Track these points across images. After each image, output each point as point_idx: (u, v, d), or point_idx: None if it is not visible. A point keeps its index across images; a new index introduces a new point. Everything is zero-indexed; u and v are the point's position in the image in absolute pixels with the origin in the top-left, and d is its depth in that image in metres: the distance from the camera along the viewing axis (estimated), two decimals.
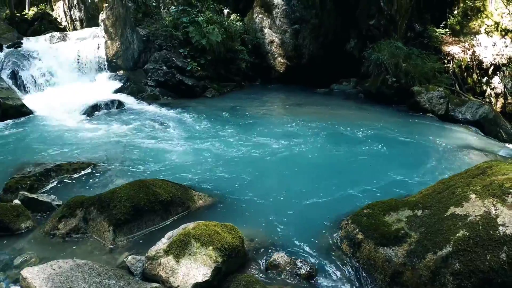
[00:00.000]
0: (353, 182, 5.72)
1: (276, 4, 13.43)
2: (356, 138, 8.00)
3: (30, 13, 20.90)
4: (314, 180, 5.90)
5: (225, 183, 5.58)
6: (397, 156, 7.13)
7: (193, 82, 11.83)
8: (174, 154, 6.82)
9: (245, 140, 7.57)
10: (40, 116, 9.76)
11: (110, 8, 14.21)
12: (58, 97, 11.19)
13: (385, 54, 11.89)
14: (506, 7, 12.34)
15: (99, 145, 7.29)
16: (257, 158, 6.67)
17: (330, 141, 7.68)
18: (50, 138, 7.84)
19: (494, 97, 12.28)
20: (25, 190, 5.07)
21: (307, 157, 6.81)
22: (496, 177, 3.82)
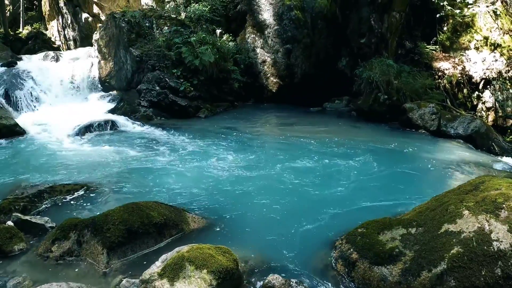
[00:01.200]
0: (347, 201, 5.73)
1: (268, 24, 13.56)
2: (349, 156, 8.01)
3: (24, 32, 21.02)
4: (307, 200, 5.89)
5: (219, 205, 5.56)
6: (390, 174, 7.14)
7: (186, 102, 11.86)
8: (167, 175, 6.80)
9: (239, 161, 7.56)
10: (33, 136, 9.78)
11: (103, 28, 14.32)
12: (51, 117, 11.21)
13: (377, 72, 12.00)
14: (495, 22, 12.53)
15: (92, 166, 7.26)
16: (251, 179, 6.66)
17: (323, 161, 7.68)
18: (43, 159, 7.82)
19: (485, 111, 12.37)
20: (18, 211, 5.05)
21: (301, 177, 6.79)
22: (489, 193, 3.84)
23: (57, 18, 22.10)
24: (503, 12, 12.53)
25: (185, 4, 14.88)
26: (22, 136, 9.66)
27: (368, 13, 13.61)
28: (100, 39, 14.32)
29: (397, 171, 7.32)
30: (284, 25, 13.28)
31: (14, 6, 24.48)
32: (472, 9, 12.70)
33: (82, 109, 12.12)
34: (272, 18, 13.45)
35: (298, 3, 13.14)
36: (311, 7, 13.19)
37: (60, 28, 21.91)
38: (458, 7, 12.94)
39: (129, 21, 13.32)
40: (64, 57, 15.15)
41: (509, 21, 12.40)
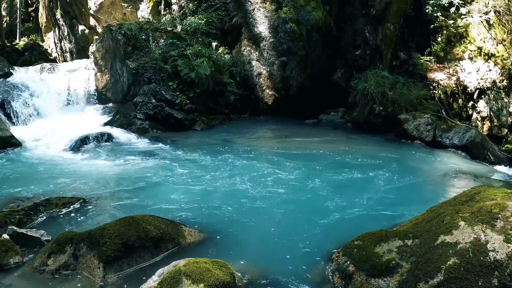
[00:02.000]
0: (343, 213, 5.73)
1: (264, 36, 13.64)
2: (345, 168, 8.02)
3: (20, 43, 21.07)
4: (304, 212, 5.89)
5: (215, 218, 5.55)
6: (385, 185, 7.15)
7: (182, 115, 11.87)
8: (163, 189, 6.78)
9: (235, 173, 7.55)
10: (29, 148, 9.75)
11: (100, 40, 14.37)
12: (47, 129, 11.18)
13: (372, 84, 12.08)
14: (488, 32, 12.64)
15: (88, 179, 7.24)
16: (247, 191, 6.65)
17: (319, 173, 7.69)
18: (39, 171, 7.80)
19: (480, 120, 12.44)
20: (14, 224, 5.01)
21: (297, 189, 6.80)
22: (485, 203, 3.85)
23: (53, 30, 22.18)
24: (496, 22, 12.65)
25: (181, 17, 14.97)
26: (18, 148, 9.62)
27: (362, 25, 13.73)
28: (96, 52, 14.36)
29: (392, 182, 7.33)
30: (280, 37, 13.37)
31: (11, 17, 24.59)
32: (466, 19, 12.82)
33: (78, 121, 12.09)
34: (267, 30, 13.54)
35: (293, 16, 13.24)
36: (306, 20, 13.29)
37: (57, 40, 21.99)
38: (451, 18, 13.06)
39: (126, 34, 13.37)
40: (61, 69, 15.16)
41: (502, 31, 12.52)
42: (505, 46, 12.40)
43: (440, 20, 12.95)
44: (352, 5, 13.97)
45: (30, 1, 25.15)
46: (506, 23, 12.42)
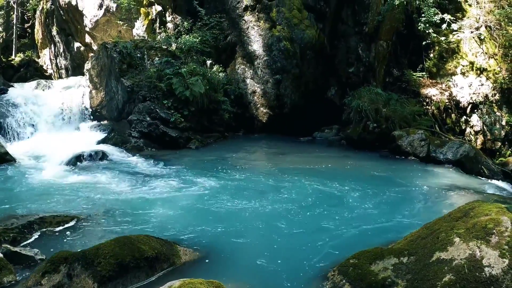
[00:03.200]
0: (338, 231, 5.72)
1: (258, 55, 13.74)
2: (339, 186, 8.02)
3: (16, 59, 21.18)
4: (299, 230, 5.88)
5: (210, 237, 5.52)
6: (381, 202, 7.15)
7: (177, 133, 11.87)
8: (158, 207, 6.75)
9: (229, 192, 7.52)
10: (23, 165, 9.68)
11: (95, 58, 14.43)
12: (41, 146, 11.16)
13: (365, 101, 12.16)
14: (480, 47, 12.79)
15: (83, 198, 7.20)
16: (242, 210, 6.64)
17: (313, 191, 7.69)
18: (33, 188, 7.75)
19: (473, 135, 12.52)
20: (8, 242, 4.96)
21: (292, 207, 6.79)
22: (479, 219, 3.87)
23: (49, 46, 22.33)
24: (487, 37, 12.82)
25: (176, 35, 15.07)
26: (12, 164, 9.57)
27: (355, 43, 13.90)
28: (91, 69, 14.41)
29: (387, 199, 7.35)
30: (274, 56, 13.47)
31: (7, 33, 24.73)
32: (457, 35, 12.97)
33: (73, 138, 12.08)
34: (261, 49, 13.64)
35: (287, 34, 13.37)
36: (300, 38, 13.42)
37: (52, 57, 22.12)
38: (443, 34, 13.22)
39: (121, 52, 13.43)
40: (56, 86, 15.20)
41: (494, 45, 12.68)
42: (497, 60, 12.54)
43: (432, 37, 13.11)
44: (345, 23, 14.17)
45: (27, 17, 25.36)
46: (497, 38, 12.59)
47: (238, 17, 14.22)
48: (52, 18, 21.74)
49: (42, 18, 22.41)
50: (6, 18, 25.32)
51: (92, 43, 19.74)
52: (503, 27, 12.48)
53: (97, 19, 18.42)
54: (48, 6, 21.92)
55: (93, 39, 19.60)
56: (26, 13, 25.23)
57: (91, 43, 19.86)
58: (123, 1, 16.28)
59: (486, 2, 12.90)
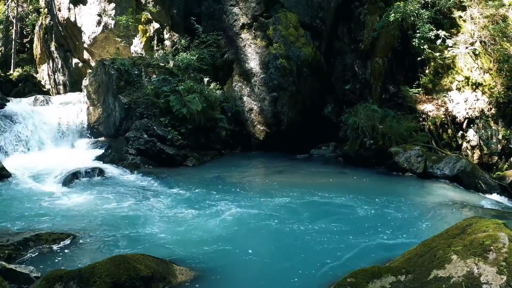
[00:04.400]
0: (335, 250, 5.69)
1: (255, 72, 13.82)
2: (336, 203, 8.01)
3: (15, 74, 21.24)
4: (296, 248, 5.85)
5: (206, 255, 5.49)
6: (378, 220, 7.13)
7: (174, 151, 11.86)
8: (154, 225, 6.72)
9: (226, 210, 7.49)
10: (20, 180, 9.66)
11: (93, 74, 14.50)
12: (38, 161, 11.15)
13: (362, 118, 12.20)
14: (475, 62, 12.88)
15: (79, 215, 7.18)
16: (239, 229, 6.60)
17: (310, 209, 7.67)
18: (29, 204, 7.73)
19: (470, 149, 12.52)
20: (3, 260, 4.93)
21: (288, 226, 6.76)
22: (477, 235, 3.86)
23: (48, 62, 22.41)
24: (482, 52, 12.90)
25: (174, 53, 15.17)
26: (8, 180, 9.54)
27: (351, 60, 14.00)
28: (89, 85, 14.46)
29: (385, 216, 7.32)
30: (270, 73, 13.55)
31: (6, 47, 24.84)
32: (452, 51, 13.06)
33: (70, 154, 12.08)
34: (258, 66, 13.73)
35: (283, 52, 13.47)
36: (296, 56, 13.52)
37: (51, 72, 22.20)
38: (438, 50, 13.31)
39: (119, 69, 13.50)
40: (54, 102, 15.23)
41: (489, 60, 12.75)
42: (492, 75, 12.62)
43: (427, 53, 13.19)
44: (341, 40, 14.29)
45: (26, 32, 25.52)
46: (492, 53, 12.67)
47: (235, 35, 14.34)
48: (51, 33, 21.88)
49: (41, 33, 22.55)
50: (5, 32, 25.48)
51: (90, 60, 19.84)
52: (498, 42, 12.59)
53: (95, 35, 18.55)
54: (47, 21, 22.07)
55: (91, 56, 19.70)
56: (25, 28, 25.41)
57: (89, 60, 19.96)
58: (122, 18, 16.41)
59: (481, 17, 13.02)
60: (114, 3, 17.53)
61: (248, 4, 14.12)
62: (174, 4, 15.70)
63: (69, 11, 19.31)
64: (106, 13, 17.58)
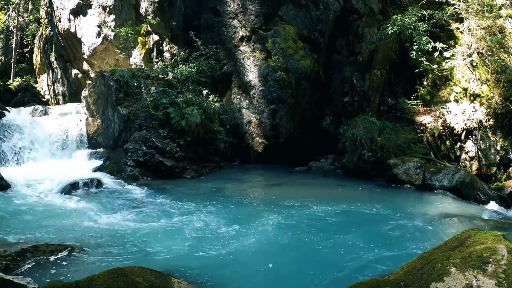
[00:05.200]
0: (333, 263, 5.67)
1: (253, 85, 13.85)
2: (335, 216, 7.98)
3: (14, 84, 21.30)
4: (293, 263, 5.83)
5: (204, 269, 5.46)
6: (377, 232, 7.12)
7: (173, 163, 11.84)
8: (153, 238, 6.70)
9: (225, 223, 7.46)
10: (18, 190, 9.64)
11: (92, 85, 14.53)
12: (37, 172, 11.13)
13: (360, 130, 12.23)
14: (472, 73, 12.95)
15: (77, 226, 7.16)
16: (238, 242, 6.57)
17: (309, 222, 7.63)
18: (27, 215, 7.71)
19: (469, 160, 12.55)
20: (0, 270, 4.89)
21: (288, 239, 6.74)
22: (475, 248, 3.85)
23: (47, 72, 22.48)
24: (479, 63, 12.98)
25: (173, 65, 15.22)
26: (6, 190, 9.52)
27: (350, 73, 14.07)
28: (88, 96, 14.48)
29: (384, 228, 7.31)
30: (269, 86, 13.58)
31: (6, 57, 24.94)
32: (450, 62, 13.15)
33: (69, 165, 12.05)
34: (257, 79, 13.78)
35: (282, 64, 13.52)
36: (295, 68, 13.58)
37: (50, 82, 22.25)
38: (436, 62, 13.39)
39: (118, 80, 13.53)
40: (53, 112, 15.24)
41: (486, 71, 12.83)
42: (490, 86, 12.69)
43: (425, 65, 13.28)
44: (340, 53, 14.37)
45: (26, 42, 25.65)
46: (489, 64, 12.74)
47: (234, 48, 14.41)
48: (51, 44, 21.97)
49: (41, 43, 22.66)
50: (5, 42, 25.61)
51: (90, 71, 19.91)
52: (495, 53, 12.67)
53: (95, 46, 18.63)
54: (47, 32, 22.19)
55: (90, 67, 19.77)
56: (25, 38, 25.55)
57: (89, 71, 20.02)
58: (121, 30, 16.50)
59: (478, 29, 13.12)
60: (114, 14, 17.64)
61: (247, 17, 14.21)
62: (173, 16, 15.80)
63: (69, 22, 19.41)
64: (106, 24, 17.68)
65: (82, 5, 18.68)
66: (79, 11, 18.92)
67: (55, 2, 19.96)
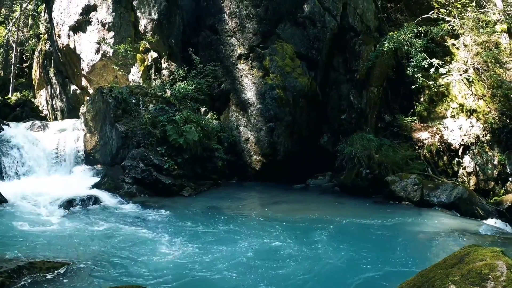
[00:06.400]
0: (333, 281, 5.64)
1: (251, 103, 13.90)
2: (333, 234, 7.95)
3: (13, 98, 21.35)
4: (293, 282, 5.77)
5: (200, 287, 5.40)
6: (375, 250, 7.08)
7: (170, 180, 11.81)
8: (149, 256, 6.65)
9: (222, 242, 7.42)
10: (15, 206, 9.61)
11: (91, 102, 14.54)
12: (34, 187, 11.05)
13: (358, 147, 12.26)
14: (469, 89, 13.04)
15: (74, 243, 7.12)
16: (235, 261, 6.51)
17: (306, 240, 7.60)
18: (24, 231, 7.66)
19: (466, 176, 12.57)
20: None
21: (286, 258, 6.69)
22: (474, 264, 3.83)
23: (46, 87, 22.51)
24: (475, 78, 13.09)
25: (171, 82, 15.28)
26: (3, 205, 9.49)
27: (347, 90, 14.15)
28: (87, 113, 14.48)
29: (382, 246, 7.29)
30: (267, 103, 13.64)
31: (5, 71, 25.04)
32: (446, 78, 13.25)
33: (66, 181, 11.99)
34: (255, 97, 13.84)
35: (280, 82, 13.60)
36: (292, 86, 13.64)
37: (49, 98, 22.26)
38: (432, 78, 13.49)
39: (116, 97, 13.55)
40: (51, 128, 15.19)
41: (482, 86, 12.92)
42: (486, 101, 12.77)
43: (422, 81, 13.36)
44: (337, 70, 14.47)
45: (25, 57, 25.78)
46: (485, 79, 12.85)
47: (232, 66, 14.50)
48: (50, 59, 22.03)
49: (40, 59, 22.73)
50: (4, 56, 25.78)
51: (88, 87, 19.95)
52: (491, 68, 12.79)
53: (94, 63, 18.70)
54: (46, 47, 22.26)
55: (89, 83, 19.83)
56: (24, 53, 25.73)
57: (87, 87, 20.06)
58: (120, 47, 16.60)
59: (473, 44, 13.27)
60: (113, 31, 17.76)
61: (245, 35, 14.34)
62: (172, 34, 15.92)
63: (68, 38, 19.53)
64: (105, 41, 17.79)
65: (81, 22, 18.81)
66: (79, 28, 19.06)
67: (55, 18, 20.10)
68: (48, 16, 21.50)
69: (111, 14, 17.69)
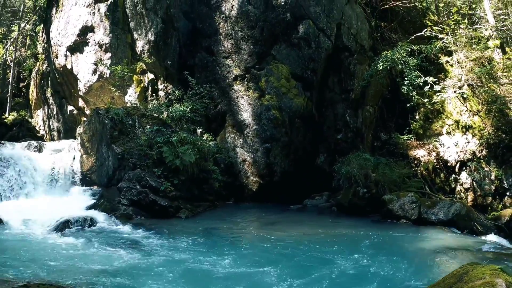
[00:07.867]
0: None
1: (247, 124, 13.91)
2: (331, 255, 7.88)
3: (10, 118, 21.36)
4: None
5: None
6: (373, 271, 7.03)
7: (167, 202, 11.72)
8: (145, 279, 6.58)
9: (219, 264, 7.35)
10: (10, 227, 9.58)
11: (87, 123, 14.56)
12: (30, 208, 11.05)
13: (354, 167, 12.26)
14: (464, 105, 13.12)
15: (69, 265, 7.06)
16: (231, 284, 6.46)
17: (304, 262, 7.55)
18: (19, 252, 7.62)
19: (464, 192, 12.58)
20: None
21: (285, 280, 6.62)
22: (473, 283, 3.82)
23: (43, 107, 22.55)
24: (470, 94, 13.19)
25: (167, 103, 15.30)
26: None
27: (343, 110, 14.22)
28: (83, 133, 14.48)
29: (380, 266, 7.23)
30: (263, 124, 13.65)
31: (2, 90, 25.12)
32: (441, 95, 13.33)
33: (62, 202, 11.95)
34: (251, 118, 13.86)
35: (275, 103, 13.63)
36: (288, 107, 13.68)
37: (45, 118, 22.28)
38: (427, 96, 13.58)
39: (113, 118, 13.56)
40: (47, 148, 15.17)
41: (477, 102, 13.01)
42: (481, 116, 12.84)
43: (416, 99, 13.42)
44: (332, 90, 14.55)
45: (22, 77, 25.87)
46: (480, 95, 12.94)
47: (228, 87, 14.57)
48: (47, 79, 22.10)
49: (38, 79, 22.80)
50: (2, 76, 25.89)
51: (85, 107, 19.98)
52: (485, 84, 12.90)
53: (91, 84, 18.76)
54: (44, 67, 22.36)
55: (86, 103, 19.86)
56: (22, 72, 25.85)
57: (84, 107, 20.09)
58: (117, 68, 16.69)
59: (467, 61, 13.41)
60: (110, 53, 17.86)
61: (241, 56, 14.44)
62: (168, 55, 16.03)
63: (66, 59, 19.62)
64: (102, 62, 17.89)
65: (79, 43, 18.92)
66: (76, 48, 19.16)
67: (52, 39, 20.23)
68: (46, 36, 21.65)
69: (108, 35, 17.81)
